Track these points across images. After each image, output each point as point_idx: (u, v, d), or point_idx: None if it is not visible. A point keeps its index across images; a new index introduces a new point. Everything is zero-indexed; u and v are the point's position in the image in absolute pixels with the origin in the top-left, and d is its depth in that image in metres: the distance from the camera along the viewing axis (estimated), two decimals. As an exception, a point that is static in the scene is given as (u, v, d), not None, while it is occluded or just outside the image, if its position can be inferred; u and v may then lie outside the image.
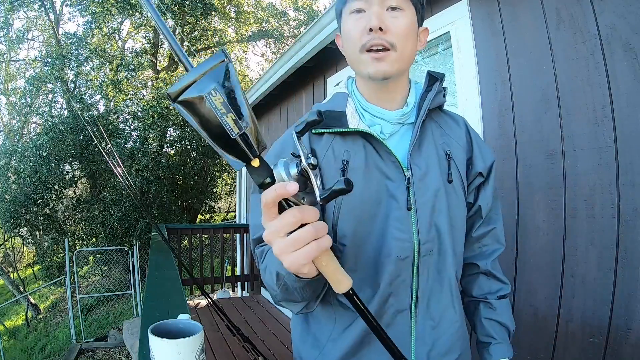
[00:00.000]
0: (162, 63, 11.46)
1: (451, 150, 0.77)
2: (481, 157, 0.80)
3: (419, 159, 0.73)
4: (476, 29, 1.79)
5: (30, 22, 12.15)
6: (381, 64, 0.69)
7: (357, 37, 0.70)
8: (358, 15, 0.71)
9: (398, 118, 0.75)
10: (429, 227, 0.71)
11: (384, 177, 0.71)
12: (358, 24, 0.70)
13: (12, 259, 12.65)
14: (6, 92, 13.72)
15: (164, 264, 2.10)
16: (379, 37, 0.68)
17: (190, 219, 10.10)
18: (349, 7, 0.72)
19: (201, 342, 0.67)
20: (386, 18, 0.69)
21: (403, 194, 0.70)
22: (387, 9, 0.70)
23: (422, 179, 0.72)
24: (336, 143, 0.73)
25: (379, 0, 0.69)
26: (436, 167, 0.74)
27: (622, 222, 1.23)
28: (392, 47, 0.69)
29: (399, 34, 0.69)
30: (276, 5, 13.38)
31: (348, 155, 0.71)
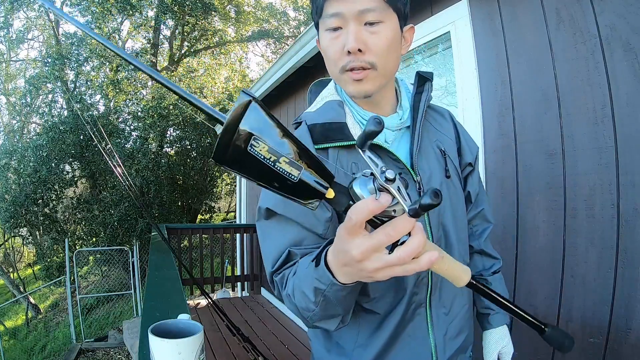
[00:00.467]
0: (162, 63, 11.45)
1: (444, 145, 0.78)
2: (468, 148, 0.83)
3: (423, 162, 0.74)
4: (476, 29, 1.79)
5: (30, 22, 12.15)
6: (362, 85, 0.67)
7: (335, 58, 0.67)
8: (335, 34, 0.67)
9: (398, 124, 0.74)
10: (438, 226, 0.74)
11: None
12: (335, 44, 0.67)
13: (12, 259, 12.65)
14: (6, 92, 13.73)
15: (164, 264, 2.10)
16: (358, 58, 0.65)
17: (190, 219, 10.10)
18: (323, 22, 0.68)
19: (201, 342, 0.67)
20: (365, 36, 0.65)
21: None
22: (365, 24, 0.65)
23: (429, 182, 0.73)
24: (342, 156, 0.70)
25: (355, 16, 0.64)
26: (437, 167, 0.75)
27: (622, 222, 1.23)
28: (373, 66, 0.66)
29: (379, 52, 0.66)
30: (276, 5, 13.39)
31: (356, 167, 0.70)
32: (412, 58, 2.31)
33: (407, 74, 2.39)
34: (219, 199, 12.41)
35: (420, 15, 2.11)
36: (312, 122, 0.72)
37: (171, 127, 9.40)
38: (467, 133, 0.87)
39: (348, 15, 0.64)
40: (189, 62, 11.82)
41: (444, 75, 2.10)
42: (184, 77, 10.42)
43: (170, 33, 11.41)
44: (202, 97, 10.37)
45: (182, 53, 11.63)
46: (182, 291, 1.54)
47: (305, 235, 0.67)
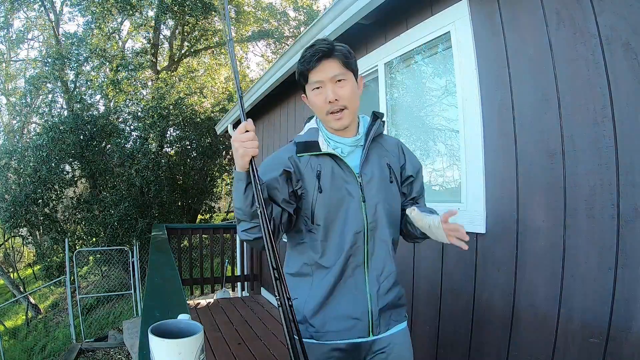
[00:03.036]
0: (162, 63, 11.45)
1: (390, 162, 1.16)
2: (411, 165, 1.20)
3: (367, 169, 1.12)
4: (476, 29, 1.79)
5: (30, 22, 12.14)
6: (341, 121, 1.09)
7: (321, 106, 1.08)
8: (318, 91, 1.08)
9: (352, 142, 1.13)
10: (374, 211, 1.10)
11: (344, 182, 1.10)
12: (320, 98, 1.08)
13: (12, 259, 12.65)
14: (6, 92, 13.72)
15: (164, 264, 2.10)
16: (335, 105, 1.06)
17: (190, 219, 10.10)
18: (310, 85, 1.09)
19: (201, 342, 0.67)
20: (337, 90, 1.06)
21: (357, 192, 1.10)
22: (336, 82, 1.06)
23: (369, 182, 1.11)
24: (312, 160, 1.11)
25: (329, 79, 1.06)
26: (378, 173, 1.13)
27: (622, 222, 1.23)
28: (345, 107, 1.07)
29: (348, 98, 1.07)
30: (276, 5, 13.38)
31: (320, 167, 1.10)
32: (412, 58, 2.31)
33: (407, 74, 2.39)
34: (219, 199, 12.41)
35: (420, 15, 2.11)
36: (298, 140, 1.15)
37: (171, 127, 9.39)
38: (413, 155, 1.24)
39: (325, 80, 1.06)
40: (189, 62, 11.82)
41: (444, 75, 2.10)
42: (184, 77, 10.42)
43: (170, 33, 11.41)
44: (202, 97, 10.36)
45: (182, 53, 11.63)
46: (182, 291, 1.54)
47: None
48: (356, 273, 1.09)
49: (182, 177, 9.63)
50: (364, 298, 1.08)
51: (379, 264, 1.11)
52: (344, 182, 1.09)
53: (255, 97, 4.24)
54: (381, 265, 1.11)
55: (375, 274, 1.10)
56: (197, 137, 9.31)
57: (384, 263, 1.12)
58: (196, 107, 9.49)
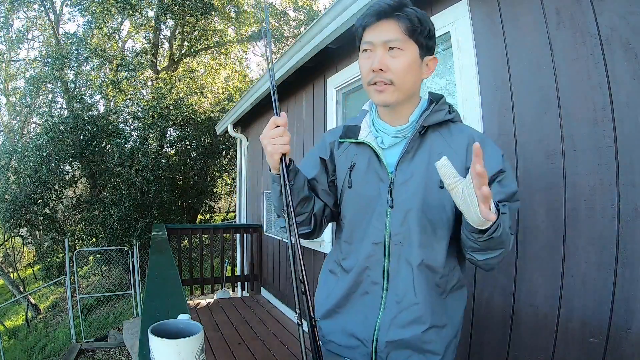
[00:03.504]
0: (162, 63, 11.44)
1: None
2: None
3: (407, 167, 0.91)
4: (476, 29, 1.79)
5: (30, 22, 12.14)
6: (381, 95, 0.89)
7: (365, 74, 0.91)
8: (366, 55, 0.90)
9: (396, 133, 0.94)
10: (402, 222, 0.90)
11: (379, 179, 0.93)
12: (366, 63, 0.90)
13: (12, 259, 12.64)
14: (6, 92, 13.72)
15: (164, 264, 2.10)
16: (380, 75, 0.87)
17: (190, 219, 10.10)
18: (361, 45, 0.92)
19: (201, 342, 0.67)
20: (386, 59, 0.87)
21: (386, 193, 0.91)
22: (389, 49, 0.87)
23: (404, 183, 0.90)
24: (351, 148, 0.98)
25: (382, 43, 0.87)
26: (422, 174, 0.89)
27: (622, 222, 1.23)
28: (391, 82, 0.87)
29: (397, 72, 0.87)
30: (276, 5, 13.38)
31: (356, 158, 0.96)
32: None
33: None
34: (219, 199, 12.41)
35: (420, 15, 2.10)
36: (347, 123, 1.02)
37: (171, 127, 9.38)
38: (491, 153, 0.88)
39: (376, 43, 0.88)
40: (189, 62, 11.81)
41: (444, 75, 2.10)
42: (184, 77, 10.41)
43: (170, 33, 11.40)
44: (202, 97, 10.36)
45: (182, 53, 11.62)
46: (182, 291, 1.54)
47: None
48: (374, 290, 0.92)
49: (182, 177, 9.63)
50: (373, 321, 0.91)
51: (400, 288, 0.90)
52: (379, 181, 0.92)
53: (255, 97, 4.24)
54: (402, 291, 0.90)
55: (394, 299, 0.90)
56: (197, 137, 9.31)
57: (406, 290, 0.89)
58: (196, 107, 9.48)
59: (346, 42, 2.71)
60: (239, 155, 5.85)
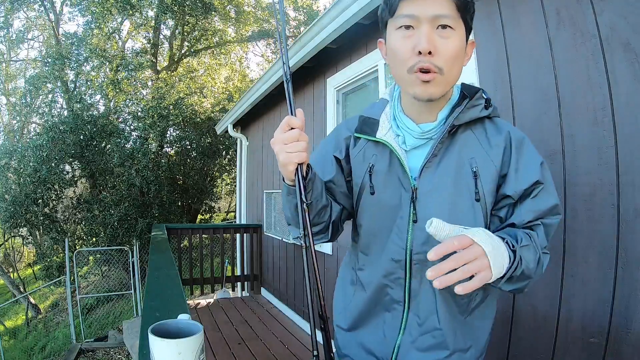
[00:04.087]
0: (162, 63, 11.44)
1: (480, 166, 0.75)
2: (515, 178, 0.75)
3: (432, 174, 0.75)
4: (476, 29, 1.79)
5: (30, 22, 12.14)
6: (428, 87, 0.70)
7: (405, 57, 0.70)
8: (407, 33, 0.69)
9: (421, 133, 0.77)
10: (426, 241, 0.75)
11: (401, 186, 0.78)
12: (406, 43, 0.69)
13: (12, 259, 12.64)
14: (6, 92, 13.72)
15: (164, 264, 2.10)
16: (428, 60, 0.68)
17: (190, 219, 10.10)
18: (397, 21, 0.70)
19: (201, 342, 0.67)
20: (436, 39, 0.68)
21: (407, 204, 0.77)
22: (437, 27, 0.68)
23: (429, 194, 0.75)
24: (368, 147, 0.83)
25: (430, 19, 0.67)
26: (450, 184, 0.75)
27: (622, 222, 1.23)
28: (440, 70, 0.69)
29: (448, 57, 0.69)
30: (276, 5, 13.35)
31: (375, 159, 0.81)
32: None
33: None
34: (219, 199, 12.40)
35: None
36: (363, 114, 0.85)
37: (171, 127, 9.38)
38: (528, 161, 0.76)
39: (423, 17, 0.67)
40: (189, 62, 11.81)
41: (444, 75, 2.09)
42: (184, 77, 10.41)
43: (170, 33, 11.40)
44: (202, 97, 10.36)
45: (182, 53, 11.62)
46: (182, 291, 1.54)
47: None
48: (395, 309, 0.82)
49: (182, 177, 9.63)
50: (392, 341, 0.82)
51: (423, 310, 0.79)
52: (400, 187, 0.78)
53: (255, 97, 4.24)
54: (427, 311, 0.79)
55: (416, 321, 0.80)
56: (197, 137, 9.31)
57: (428, 313, 0.79)
58: (196, 107, 9.48)
59: (346, 42, 2.70)
60: (239, 155, 5.85)
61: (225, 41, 11.72)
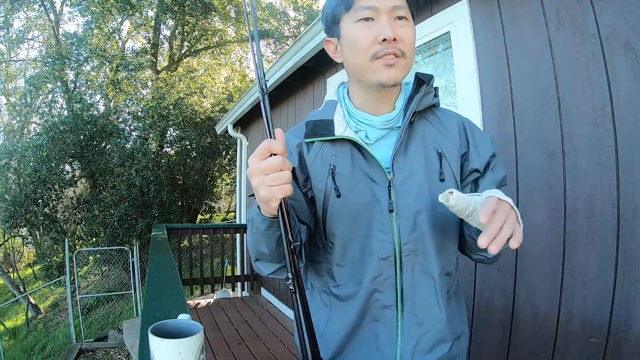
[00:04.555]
0: (162, 63, 11.44)
1: (444, 148, 0.78)
2: (477, 153, 0.80)
3: (404, 162, 0.76)
4: (476, 29, 1.79)
5: (30, 22, 12.14)
6: (393, 70, 0.72)
7: (367, 46, 0.71)
8: (367, 24, 0.72)
9: (383, 123, 0.78)
10: (412, 228, 0.74)
11: (370, 181, 0.76)
12: (368, 34, 0.71)
13: (12, 259, 12.65)
14: (6, 92, 13.72)
15: (164, 264, 2.10)
16: (392, 46, 0.71)
17: (190, 219, 10.10)
18: (354, 14, 0.73)
19: (201, 342, 0.67)
20: (397, 28, 0.71)
21: (385, 196, 0.74)
22: (395, 18, 0.72)
23: (405, 181, 0.75)
24: (325, 149, 0.78)
25: (389, 10, 0.71)
26: (422, 168, 0.76)
27: (622, 222, 1.23)
28: (403, 55, 0.72)
29: (408, 42, 0.73)
30: (276, 5, 13.37)
31: (335, 160, 0.77)
32: (412, 58, 2.31)
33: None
34: (219, 199, 12.40)
35: (420, 15, 2.11)
36: (310, 119, 0.81)
37: (171, 127, 9.39)
38: (482, 137, 0.82)
39: (382, 8, 0.71)
40: (189, 62, 11.81)
41: (444, 75, 2.10)
42: (184, 77, 10.42)
43: (170, 33, 11.40)
44: (202, 97, 10.37)
45: (182, 53, 11.62)
46: (182, 291, 1.54)
47: None
48: (385, 316, 0.75)
49: (182, 177, 9.63)
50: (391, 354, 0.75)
51: (419, 307, 0.75)
52: (370, 182, 0.75)
53: (255, 97, 4.24)
54: (423, 310, 0.75)
55: (414, 321, 0.75)
56: (197, 137, 9.31)
57: (428, 307, 0.75)
58: (196, 107, 9.49)
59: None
60: (239, 155, 5.85)
61: (225, 41, 11.72)
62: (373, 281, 0.74)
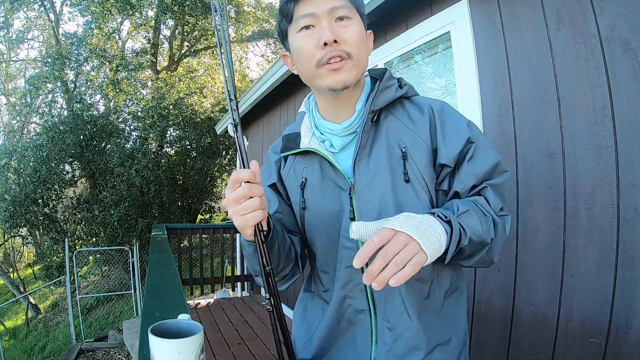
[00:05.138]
0: (162, 63, 11.45)
1: (410, 146, 0.73)
2: (444, 145, 0.73)
3: (366, 165, 0.74)
4: (476, 29, 1.79)
5: (30, 22, 12.15)
6: (340, 74, 0.70)
7: (311, 54, 0.70)
8: (308, 32, 0.71)
9: (344, 130, 0.76)
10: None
11: (339, 189, 0.75)
12: (309, 41, 0.70)
13: (12, 259, 12.65)
14: (6, 92, 13.73)
15: (164, 264, 2.10)
16: (334, 49, 0.69)
17: (190, 219, 10.10)
18: (295, 25, 0.72)
19: (201, 342, 0.67)
20: (337, 30, 0.69)
21: (348, 203, 0.74)
22: (335, 20, 0.70)
23: (368, 185, 0.73)
24: (297, 162, 0.80)
25: (326, 13, 0.69)
26: (387, 170, 0.73)
27: (622, 222, 1.23)
28: (349, 55, 0.70)
29: (353, 42, 0.70)
30: (276, 5, 13.37)
31: (307, 172, 0.78)
32: (412, 58, 2.31)
33: (407, 74, 2.39)
34: (219, 199, 12.40)
35: (420, 15, 2.11)
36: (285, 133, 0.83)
37: (171, 127, 9.39)
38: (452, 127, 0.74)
39: (320, 13, 0.69)
40: (189, 62, 11.82)
41: (444, 75, 2.10)
42: (184, 77, 10.42)
43: (170, 33, 11.41)
44: (202, 97, 10.37)
45: (182, 53, 11.63)
46: (182, 291, 1.54)
47: None
48: (360, 320, 0.76)
49: (182, 177, 9.64)
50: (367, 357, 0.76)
51: (391, 310, 0.74)
52: (340, 190, 0.75)
53: (255, 97, 4.24)
54: (395, 313, 0.74)
55: (386, 326, 0.75)
56: (197, 137, 9.32)
57: (398, 313, 0.74)
58: (196, 107, 9.49)
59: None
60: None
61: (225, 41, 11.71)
62: (344, 287, 0.75)
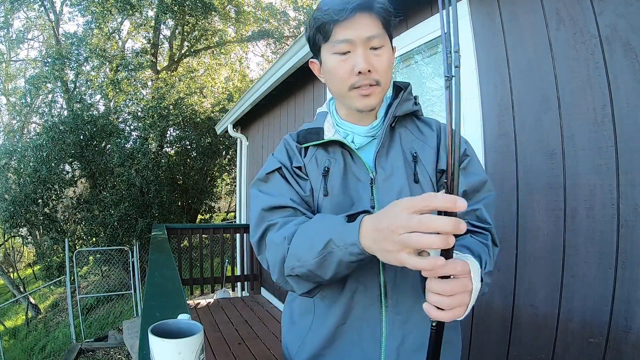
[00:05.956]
0: (162, 63, 11.45)
1: (419, 152, 0.82)
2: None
3: (385, 162, 0.80)
4: (476, 29, 1.79)
5: (30, 22, 12.15)
6: (369, 99, 0.77)
7: (344, 77, 0.76)
8: (343, 57, 0.76)
9: (367, 131, 0.83)
10: None
11: (358, 180, 0.80)
12: (344, 65, 0.76)
13: (12, 259, 12.65)
14: (6, 92, 13.72)
15: (164, 264, 2.10)
16: (367, 77, 0.75)
17: (190, 219, 10.10)
18: (331, 46, 0.76)
19: (201, 342, 0.67)
20: (371, 59, 0.75)
21: (368, 193, 0.78)
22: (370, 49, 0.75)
23: (387, 179, 0.79)
24: (319, 153, 0.84)
25: (363, 41, 0.74)
26: (402, 169, 0.80)
27: (622, 222, 1.23)
28: (378, 83, 0.76)
29: (383, 71, 0.76)
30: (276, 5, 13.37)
31: (329, 162, 0.82)
32: (412, 58, 2.31)
33: (407, 74, 2.39)
34: (219, 199, 12.41)
35: (420, 15, 2.11)
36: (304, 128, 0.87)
37: (171, 127, 9.39)
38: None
39: (357, 40, 0.74)
40: (189, 62, 11.82)
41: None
42: (184, 77, 10.42)
43: (170, 33, 11.40)
44: (202, 97, 10.37)
45: (182, 53, 11.62)
46: (182, 291, 1.54)
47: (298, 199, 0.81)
48: (369, 313, 0.76)
49: (182, 177, 9.63)
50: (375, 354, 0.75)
51: (404, 302, 0.75)
52: (358, 181, 0.80)
53: (255, 97, 4.24)
54: (408, 306, 0.75)
55: (399, 319, 0.75)
56: (197, 137, 9.32)
57: (412, 305, 0.75)
58: (196, 107, 9.49)
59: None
60: (239, 155, 5.85)
61: (225, 41, 11.72)
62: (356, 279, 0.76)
